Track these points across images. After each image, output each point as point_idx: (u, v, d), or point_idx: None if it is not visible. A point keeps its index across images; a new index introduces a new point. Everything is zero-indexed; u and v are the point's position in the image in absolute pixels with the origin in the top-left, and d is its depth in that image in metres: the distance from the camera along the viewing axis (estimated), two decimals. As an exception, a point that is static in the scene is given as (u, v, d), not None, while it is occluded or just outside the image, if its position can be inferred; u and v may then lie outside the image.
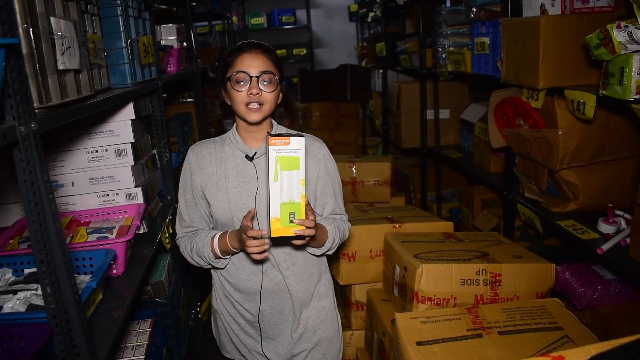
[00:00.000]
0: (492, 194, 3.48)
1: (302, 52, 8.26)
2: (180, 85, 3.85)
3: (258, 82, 1.54)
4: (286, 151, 1.36)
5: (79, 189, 2.00)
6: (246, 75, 1.54)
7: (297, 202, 1.39)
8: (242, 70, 1.54)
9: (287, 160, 1.36)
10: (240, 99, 1.55)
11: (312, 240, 1.56)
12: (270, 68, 1.57)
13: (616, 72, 1.65)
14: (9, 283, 1.54)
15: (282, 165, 1.36)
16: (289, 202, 1.38)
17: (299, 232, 1.40)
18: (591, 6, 2.20)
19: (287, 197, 1.38)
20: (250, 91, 1.53)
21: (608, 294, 2.29)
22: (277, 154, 1.36)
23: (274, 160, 1.36)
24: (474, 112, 3.47)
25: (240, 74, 1.54)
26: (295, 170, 1.37)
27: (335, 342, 1.82)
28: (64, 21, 1.32)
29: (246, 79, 1.54)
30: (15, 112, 1.04)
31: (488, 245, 2.22)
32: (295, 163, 1.37)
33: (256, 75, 1.54)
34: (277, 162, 1.36)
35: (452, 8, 3.38)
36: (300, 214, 1.40)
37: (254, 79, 1.54)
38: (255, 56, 1.57)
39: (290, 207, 1.39)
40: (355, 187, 3.45)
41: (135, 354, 1.94)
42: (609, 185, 2.25)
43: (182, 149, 2.98)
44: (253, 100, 1.54)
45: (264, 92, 1.55)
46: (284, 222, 1.39)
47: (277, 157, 1.36)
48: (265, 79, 1.56)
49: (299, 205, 1.39)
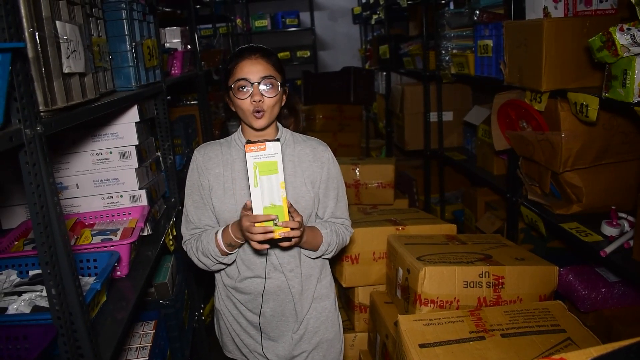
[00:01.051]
0: (495, 196, 3.48)
1: (306, 55, 8.27)
2: (184, 87, 3.86)
3: (259, 88, 1.55)
4: (263, 157, 1.39)
5: (83, 191, 2.02)
6: (247, 82, 1.54)
7: (279, 205, 1.41)
8: (243, 78, 1.54)
9: (265, 165, 1.39)
10: (245, 107, 1.56)
11: (302, 241, 1.57)
12: (271, 72, 1.57)
13: (619, 74, 1.65)
14: (14, 284, 1.55)
15: (260, 170, 1.39)
16: (271, 205, 1.41)
17: (284, 233, 1.43)
18: (594, 9, 2.21)
19: (268, 201, 1.41)
20: (253, 98, 1.53)
21: (611, 297, 2.29)
22: (254, 160, 1.39)
23: (252, 166, 1.39)
24: (477, 115, 3.47)
25: (241, 81, 1.54)
26: (274, 174, 1.40)
27: (335, 344, 1.82)
28: (70, 25, 1.33)
29: (247, 85, 1.54)
30: (21, 115, 1.05)
31: (491, 248, 2.22)
32: (273, 167, 1.40)
33: (257, 81, 1.54)
34: (255, 168, 1.39)
35: (455, 10, 3.38)
36: (283, 217, 1.42)
37: (255, 85, 1.54)
38: (255, 62, 1.56)
39: (272, 211, 1.41)
40: (358, 190, 3.45)
41: (139, 355, 1.95)
42: (612, 187, 2.25)
43: (186, 151, 3.00)
44: (256, 108, 1.55)
45: (266, 97, 1.55)
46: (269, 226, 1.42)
47: (255, 164, 1.39)
48: (266, 83, 1.55)
49: (281, 208, 1.42)
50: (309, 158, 1.69)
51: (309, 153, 1.69)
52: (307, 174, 1.67)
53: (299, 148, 1.70)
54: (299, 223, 1.46)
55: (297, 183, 1.65)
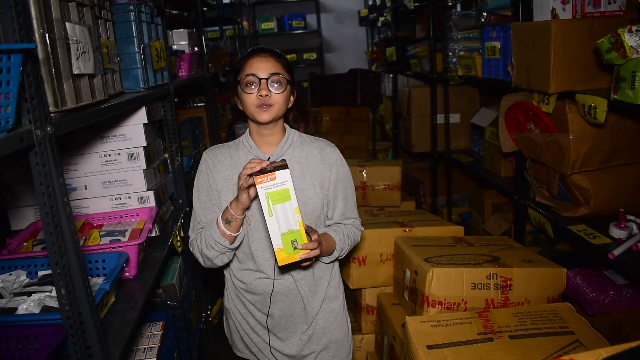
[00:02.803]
0: (502, 198, 3.47)
1: (312, 57, 8.28)
2: (191, 89, 3.88)
3: (267, 84, 1.57)
4: (274, 186, 1.39)
5: (92, 192, 2.03)
6: (255, 77, 1.57)
7: (296, 230, 1.42)
8: (252, 73, 1.57)
9: (277, 195, 1.39)
10: (251, 101, 1.58)
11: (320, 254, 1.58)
12: (279, 70, 1.59)
13: (628, 76, 1.64)
14: (23, 285, 1.56)
15: (273, 200, 1.39)
16: (289, 231, 1.41)
17: (304, 255, 1.44)
18: (602, 10, 2.19)
19: (285, 228, 1.41)
20: (260, 93, 1.56)
21: (620, 299, 2.27)
22: (266, 190, 1.39)
23: (264, 197, 1.39)
24: (485, 117, 3.46)
25: (249, 76, 1.57)
26: (287, 202, 1.40)
27: (344, 345, 1.83)
28: (79, 26, 1.34)
29: (255, 81, 1.57)
30: (32, 116, 1.06)
31: (499, 250, 2.21)
32: (285, 195, 1.39)
33: (265, 77, 1.57)
34: (267, 198, 1.39)
35: (462, 12, 3.38)
36: (301, 240, 1.43)
37: (263, 81, 1.56)
38: (264, 59, 1.59)
39: (290, 236, 1.42)
40: (365, 191, 3.45)
41: (147, 356, 1.96)
42: (620, 189, 2.24)
43: (194, 153, 3.01)
44: (262, 102, 1.56)
45: (273, 93, 1.58)
46: (288, 251, 1.43)
47: (267, 194, 1.39)
48: (274, 80, 1.58)
49: (298, 232, 1.42)
50: (316, 160, 1.69)
51: (317, 155, 1.70)
52: (315, 175, 1.68)
53: (306, 150, 1.70)
54: (317, 241, 1.48)
55: (306, 185, 1.65)
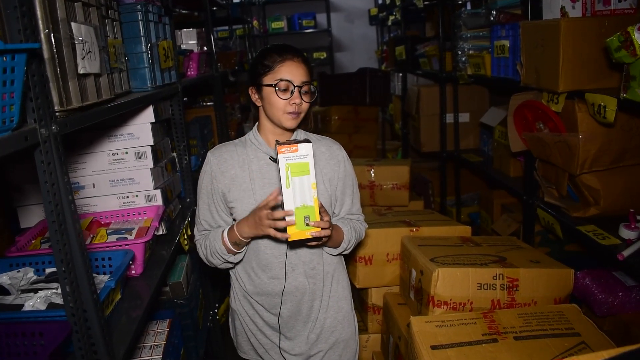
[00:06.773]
0: (512, 198, 3.45)
1: (322, 56, 8.29)
2: (200, 89, 3.89)
3: (300, 92, 1.58)
4: (295, 158, 1.39)
5: (99, 190, 2.04)
6: (290, 84, 1.57)
7: (310, 206, 1.42)
8: (287, 79, 1.57)
9: (297, 167, 1.40)
10: (281, 106, 1.58)
11: (329, 240, 1.59)
12: (310, 78, 1.62)
13: (637, 75, 1.62)
14: (31, 282, 1.57)
15: (292, 171, 1.39)
16: (303, 206, 1.41)
17: (315, 233, 1.44)
18: (612, 8, 2.17)
19: (300, 202, 1.41)
20: (293, 100, 1.57)
21: (629, 301, 2.25)
22: (286, 161, 1.39)
23: (284, 167, 1.39)
24: (494, 116, 3.44)
25: (284, 82, 1.57)
26: (305, 176, 1.40)
27: (351, 344, 1.83)
28: (85, 26, 1.35)
29: (290, 87, 1.57)
30: (37, 115, 1.07)
31: (506, 250, 2.20)
32: (305, 168, 1.40)
33: (299, 85, 1.58)
34: (287, 169, 1.39)
35: (472, 11, 3.36)
36: (314, 217, 1.43)
37: (296, 89, 1.57)
38: (298, 65, 1.60)
39: (304, 211, 1.42)
40: (373, 191, 3.44)
41: (153, 353, 1.97)
42: (630, 190, 2.21)
43: (202, 152, 3.02)
44: (294, 110, 1.58)
45: (304, 101, 1.60)
46: (300, 226, 1.43)
47: (287, 165, 1.39)
48: (306, 90, 1.60)
49: (312, 209, 1.42)
50: (325, 156, 1.72)
51: (325, 152, 1.73)
52: (324, 171, 1.70)
53: (314, 147, 1.70)
54: (329, 222, 1.48)
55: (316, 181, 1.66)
